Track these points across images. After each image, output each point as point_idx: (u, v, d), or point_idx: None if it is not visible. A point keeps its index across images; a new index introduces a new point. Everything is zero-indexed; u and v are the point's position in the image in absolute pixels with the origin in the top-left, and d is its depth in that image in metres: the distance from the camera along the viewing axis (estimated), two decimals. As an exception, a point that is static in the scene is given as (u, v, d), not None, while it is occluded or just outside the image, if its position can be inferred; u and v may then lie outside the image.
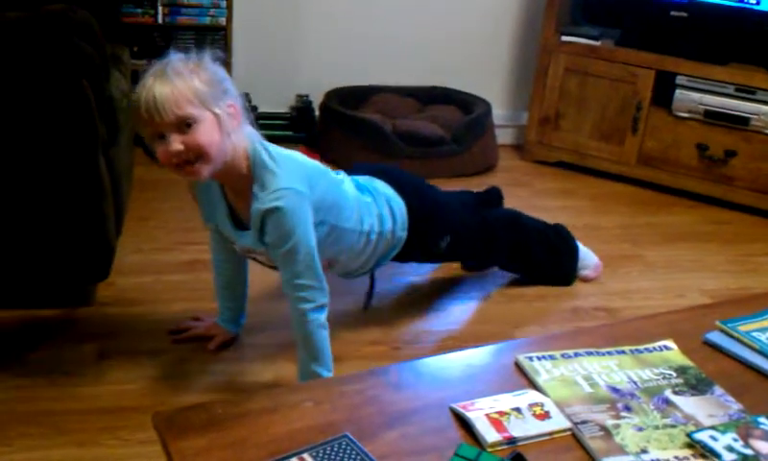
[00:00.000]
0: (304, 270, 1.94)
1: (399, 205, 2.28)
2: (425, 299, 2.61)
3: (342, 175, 2.24)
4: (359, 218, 2.16)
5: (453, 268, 2.80)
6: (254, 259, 2.16)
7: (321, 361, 2.00)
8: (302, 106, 3.81)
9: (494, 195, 2.85)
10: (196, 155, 1.83)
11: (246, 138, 1.93)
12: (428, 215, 2.36)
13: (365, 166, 2.47)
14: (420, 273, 2.75)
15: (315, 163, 2.08)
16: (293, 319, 2.00)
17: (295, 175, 1.94)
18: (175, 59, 1.84)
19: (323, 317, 1.99)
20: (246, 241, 2.02)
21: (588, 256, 2.79)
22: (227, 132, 1.87)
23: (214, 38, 3.52)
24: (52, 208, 2.22)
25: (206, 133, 1.82)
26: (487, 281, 2.74)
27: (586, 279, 2.78)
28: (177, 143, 1.81)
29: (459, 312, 2.54)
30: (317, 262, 1.96)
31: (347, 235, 2.13)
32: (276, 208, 1.88)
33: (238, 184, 1.95)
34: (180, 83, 1.80)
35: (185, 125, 1.80)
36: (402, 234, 2.28)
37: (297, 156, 2.04)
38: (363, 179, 2.29)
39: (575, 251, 2.77)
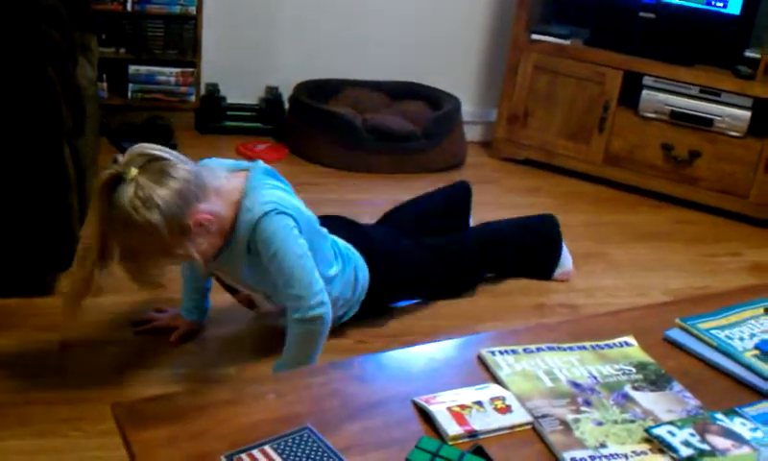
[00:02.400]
0: (292, 279, 1.92)
1: (364, 276, 2.28)
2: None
3: (325, 230, 2.22)
4: (323, 275, 2.09)
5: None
6: (218, 276, 2.18)
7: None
8: (272, 98, 3.79)
9: (463, 189, 2.85)
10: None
11: (230, 207, 1.93)
12: (390, 289, 2.41)
13: (339, 222, 2.43)
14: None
15: (307, 211, 2.08)
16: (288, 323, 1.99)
17: (280, 199, 1.96)
18: (124, 207, 1.74)
19: (315, 327, 1.95)
20: (226, 262, 2.03)
21: (563, 260, 2.81)
22: (202, 237, 1.87)
23: (183, 28, 3.49)
24: (14, 197, 2.19)
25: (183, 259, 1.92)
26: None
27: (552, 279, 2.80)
28: None
29: (424, 307, 2.55)
30: (308, 272, 1.94)
31: None
32: (264, 214, 1.90)
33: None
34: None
35: None
36: (356, 307, 2.30)
37: (291, 195, 2.05)
38: (339, 241, 2.27)
39: (557, 253, 2.79)
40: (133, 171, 1.74)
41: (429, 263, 2.52)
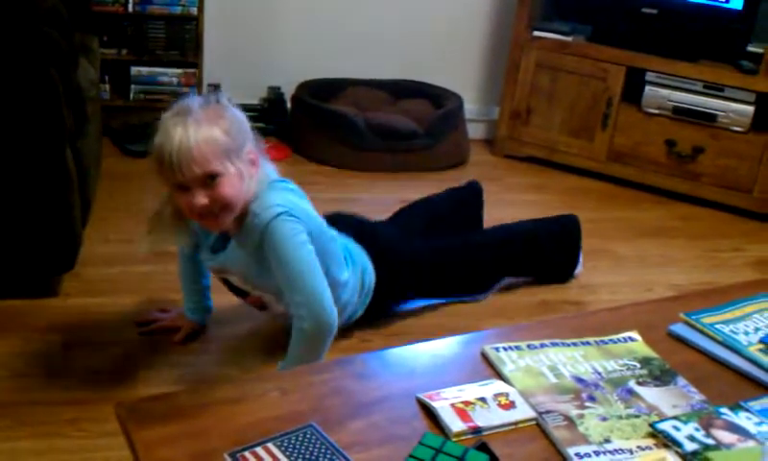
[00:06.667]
0: (298, 286, 1.91)
1: (371, 279, 2.27)
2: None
3: (334, 232, 2.20)
4: (335, 278, 2.11)
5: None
6: (226, 280, 2.16)
7: None
8: (274, 97, 3.79)
9: (474, 191, 2.84)
10: (221, 207, 1.85)
11: (261, 180, 1.93)
12: (395, 292, 2.38)
13: (348, 220, 2.41)
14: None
15: (315, 213, 2.07)
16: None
17: (291, 203, 1.95)
18: (195, 106, 1.81)
19: (320, 335, 1.92)
20: (221, 259, 2.03)
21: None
22: (247, 179, 1.88)
23: (185, 28, 3.49)
24: (17, 199, 2.20)
25: (231, 186, 1.84)
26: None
27: None
28: (201, 197, 1.82)
29: (428, 305, 2.54)
30: (314, 280, 1.91)
31: None
32: (274, 217, 1.88)
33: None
34: (202, 136, 1.78)
35: (209, 178, 1.81)
36: (360, 310, 2.28)
37: (302, 199, 2.04)
38: (349, 243, 2.26)
39: (576, 259, 2.77)
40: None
41: (439, 265, 2.48)
